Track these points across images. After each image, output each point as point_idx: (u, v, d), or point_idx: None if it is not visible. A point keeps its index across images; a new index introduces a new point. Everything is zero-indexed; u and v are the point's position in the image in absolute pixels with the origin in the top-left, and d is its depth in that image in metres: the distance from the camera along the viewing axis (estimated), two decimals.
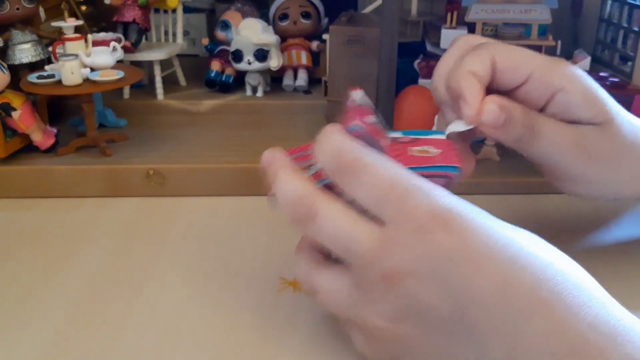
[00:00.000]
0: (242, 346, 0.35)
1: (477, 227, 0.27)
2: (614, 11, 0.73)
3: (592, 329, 0.24)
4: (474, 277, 0.26)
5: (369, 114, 0.31)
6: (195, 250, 0.45)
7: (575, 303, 0.25)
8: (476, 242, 0.26)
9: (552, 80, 0.35)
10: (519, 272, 0.26)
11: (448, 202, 0.27)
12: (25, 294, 0.40)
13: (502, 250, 0.26)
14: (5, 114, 0.54)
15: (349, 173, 0.28)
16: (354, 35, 0.60)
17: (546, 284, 0.25)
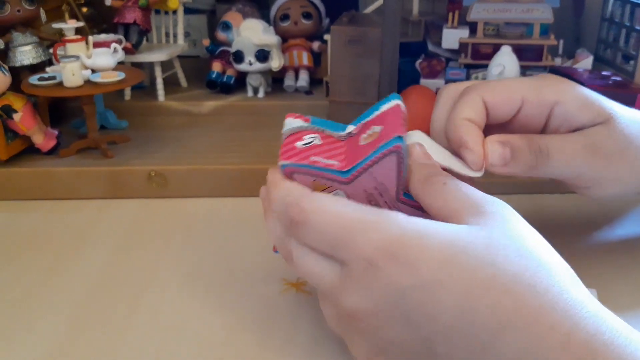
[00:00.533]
0: (244, 348, 0.34)
1: (428, 254, 0.26)
2: (616, 10, 0.73)
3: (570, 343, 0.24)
4: (432, 308, 0.25)
5: (302, 136, 0.32)
6: (197, 251, 0.45)
7: (544, 314, 0.24)
8: (426, 270, 0.25)
9: (544, 98, 0.36)
10: (477, 297, 0.25)
11: (395, 232, 0.26)
12: (28, 296, 0.40)
13: (458, 275, 0.25)
14: (6, 116, 0.54)
15: (298, 227, 0.29)
16: (356, 36, 0.60)
17: (509, 303, 0.24)
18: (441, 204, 0.29)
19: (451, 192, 0.29)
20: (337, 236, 0.28)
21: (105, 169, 0.54)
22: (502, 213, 0.28)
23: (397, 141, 0.29)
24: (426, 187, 0.30)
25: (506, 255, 0.26)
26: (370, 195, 0.31)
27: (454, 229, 0.27)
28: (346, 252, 0.27)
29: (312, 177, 0.31)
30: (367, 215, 0.28)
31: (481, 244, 0.26)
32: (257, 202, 0.34)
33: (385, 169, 0.30)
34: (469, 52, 0.63)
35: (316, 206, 0.29)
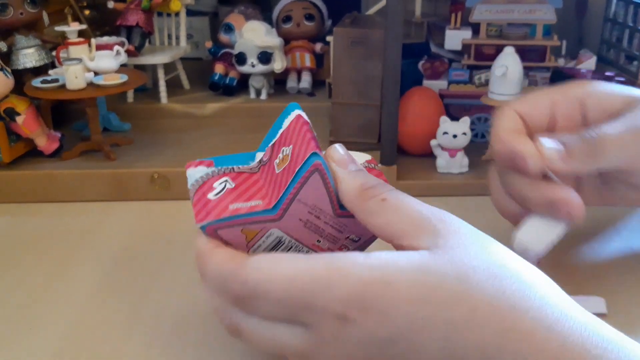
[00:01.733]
0: (248, 351, 0.34)
1: (397, 297, 0.24)
2: (619, 10, 0.73)
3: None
4: (417, 355, 0.24)
5: (212, 184, 0.30)
6: None
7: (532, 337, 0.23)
8: (402, 316, 0.24)
9: (571, 94, 0.37)
10: (460, 336, 0.23)
11: (354, 282, 0.24)
12: (31, 299, 0.40)
13: (436, 316, 0.24)
14: (9, 118, 0.54)
15: (246, 302, 0.27)
16: (358, 37, 0.59)
17: (494, 335, 0.23)
18: (383, 222, 0.27)
19: (393, 210, 0.27)
20: (296, 302, 0.25)
21: (108, 171, 0.54)
22: (456, 229, 0.26)
23: (313, 159, 0.27)
24: (361, 203, 0.28)
25: (479, 281, 0.24)
26: (307, 222, 0.29)
27: (417, 260, 0.25)
28: (311, 314, 0.25)
29: (240, 227, 0.28)
30: (319, 271, 0.25)
31: (451, 273, 0.24)
32: None
33: (312, 190, 0.28)
34: (471, 53, 0.63)
35: (260, 275, 0.26)
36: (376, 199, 0.27)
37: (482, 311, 0.23)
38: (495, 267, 0.25)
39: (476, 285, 0.24)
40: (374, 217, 0.27)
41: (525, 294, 0.24)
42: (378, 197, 0.27)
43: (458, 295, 0.24)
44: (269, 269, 0.26)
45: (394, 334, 0.24)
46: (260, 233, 0.29)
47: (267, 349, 0.28)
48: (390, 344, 0.24)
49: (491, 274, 0.24)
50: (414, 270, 0.24)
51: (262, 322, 0.27)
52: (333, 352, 0.25)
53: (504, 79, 0.56)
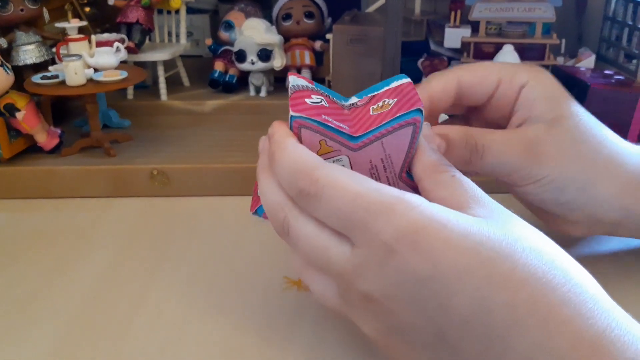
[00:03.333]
0: (247, 345, 0.34)
1: (447, 243, 0.25)
2: (619, 9, 0.73)
3: (579, 340, 0.24)
4: (447, 299, 0.25)
5: (310, 94, 0.30)
6: (199, 249, 0.45)
7: (557, 311, 0.24)
8: (446, 260, 0.25)
9: (518, 79, 0.36)
10: (494, 292, 0.25)
11: (414, 217, 0.25)
12: (31, 295, 0.40)
13: (476, 268, 0.25)
14: (9, 114, 0.54)
15: (308, 199, 0.27)
16: (358, 35, 0.60)
17: (524, 299, 0.24)
18: (447, 194, 0.28)
19: (459, 185, 0.28)
20: (355, 216, 0.26)
21: (107, 167, 0.54)
22: (508, 214, 0.28)
23: (416, 114, 0.28)
24: (433, 174, 0.29)
25: (523, 249, 0.25)
26: (373, 168, 0.30)
27: (472, 220, 0.26)
28: (363, 234, 0.26)
29: (321, 136, 0.29)
30: (388, 197, 0.26)
31: (499, 237, 0.25)
32: None
33: (398, 141, 0.29)
34: (471, 51, 0.63)
35: (333, 179, 0.27)
36: (447, 174, 0.29)
37: (519, 275, 0.25)
38: (538, 246, 0.26)
39: (520, 253, 0.25)
40: (441, 188, 0.29)
41: (558, 271, 0.25)
42: (449, 172, 0.29)
43: (501, 256, 0.25)
44: (344, 178, 0.27)
45: (433, 275, 0.25)
46: (333, 153, 0.29)
47: (309, 255, 0.29)
48: (426, 282, 0.25)
49: (533, 249, 0.26)
50: (468, 225, 0.26)
51: (316, 227, 0.28)
52: (372, 278, 0.26)
53: None
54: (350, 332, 0.35)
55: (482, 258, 0.25)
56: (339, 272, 0.28)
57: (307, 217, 0.28)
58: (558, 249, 0.27)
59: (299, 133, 0.29)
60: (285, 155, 0.28)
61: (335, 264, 0.28)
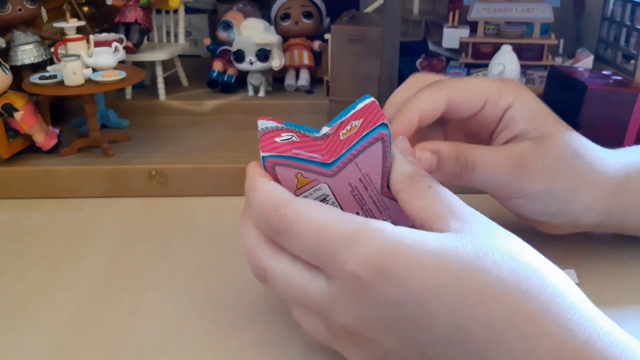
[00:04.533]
0: (245, 345, 0.34)
1: (417, 266, 0.25)
2: (617, 9, 0.73)
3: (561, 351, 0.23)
4: (425, 321, 0.25)
5: (279, 133, 0.31)
6: (197, 250, 0.45)
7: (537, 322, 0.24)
8: (417, 283, 0.25)
9: (503, 101, 0.38)
10: (470, 308, 0.24)
11: (381, 245, 0.25)
12: (29, 294, 0.40)
13: (449, 286, 0.25)
14: (7, 114, 0.54)
15: (279, 235, 0.28)
16: (356, 35, 0.60)
17: (502, 312, 0.24)
18: (423, 205, 0.28)
19: (435, 196, 0.29)
20: (322, 249, 0.27)
21: (106, 167, 0.54)
22: (483, 222, 0.28)
23: (382, 128, 0.29)
24: (409, 185, 0.30)
25: (495, 261, 0.25)
26: (354, 189, 0.31)
27: (440, 237, 0.26)
28: (333, 266, 0.27)
29: (296, 170, 0.30)
30: (350, 226, 0.26)
31: (470, 251, 0.25)
32: None
33: (370, 158, 0.29)
34: (469, 52, 0.63)
35: (299, 215, 0.27)
36: (423, 185, 0.29)
37: (494, 288, 0.24)
38: (513, 254, 0.26)
39: (492, 265, 0.25)
40: (417, 199, 0.29)
41: (536, 279, 0.25)
42: (425, 183, 0.29)
43: (473, 270, 0.25)
44: (308, 212, 0.27)
45: (407, 298, 0.25)
46: (311, 184, 0.30)
47: (289, 295, 0.29)
48: (401, 307, 0.25)
49: (508, 258, 0.25)
50: (436, 244, 0.26)
51: (289, 265, 0.29)
52: (348, 310, 0.27)
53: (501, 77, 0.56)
54: None
55: (453, 276, 0.25)
56: (318, 307, 0.28)
57: (280, 258, 0.29)
58: (534, 256, 0.27)
59: (273, 172, 0.30)
60: (257, 194, 0.29)
61: (314, 300, 0.28)
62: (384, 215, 0.32)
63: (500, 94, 0.38)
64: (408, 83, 0.40)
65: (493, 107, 0.38)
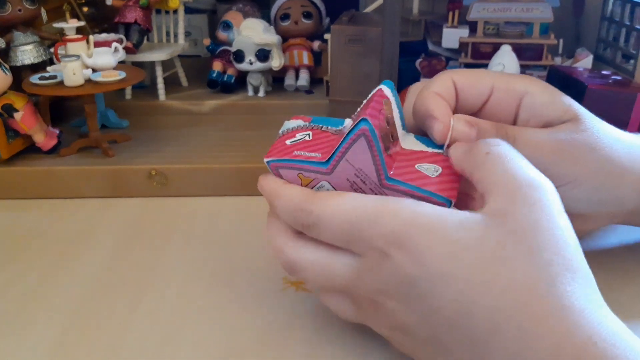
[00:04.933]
0: (245, 346, 0.35)
1: (434, 247, 0.26)
2: (616, 9, 0.73)
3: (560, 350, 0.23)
4: (435, 301, 0.26)
5: (295, 134, 0.33)
6: (197, 250, 0.45)
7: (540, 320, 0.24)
8: (432, 264, 0.26)
9: (514, 87, 0.35)
10: (477, 296, 0.25)
11: (403, 222, 0.27)
12: (28, 295, 0.40)
13: (461, 272, 0.25)
14: (7, 115, 0.54)
15: (311, 228, 0.30)
16: (356, 35, 0.60)
17: (507, 306, 0.24)
18: (480, 176, 0.28)
19: (492, 165, 0.28)
20: (349, 231, 0.28)
21: (106, 167, 0.54)
22: (534, 198, 0.26)
23: (362, 124, 0.29)
24: (468, 156, 0.29)
25: (516, 254, 0.25)
26: (353, 184, 0.31)
27: (467, 220, 0.26)
28: (360, 244, 0.28)
29: (297, 171, 0.31)
30: (374, 207, 0.28)
31: (492, 239, 0.26)
32: (258, 201, 0.34)
33: (357, 154, 0.30)
34: (469, 52, 0.63)
35: (323, 206, 0.29)
36: (480, 154, 0.29)
37: (502, 281, 0.25)
38: (540, 244, 0.25)
39: (511, 257, 0.25)
40: (476, 170, 0.29)
41: (549, 276, 0.25)
42: (482, 151, 0.29)
43: (489, 260, 0.25)
44: (331, 203, 0.29)
45: (421, 275, 0.26)
46: (313, 182, 0.32)
47: (318, 279, 0.31)
48: (415, 283, 0.26)
49: (530, 250, 0.25)
50: (456, 227, 0.26)
51: (315, 253, 0.30)
52: (370, 282, 0.28)
53: None
54: (349, 332, 0.35)
55: (467, 262, 0.25)
56: (345, 283, 0.30)
57: (306, 248, 0.31)
58: (553, 254, 0.26)
59: (278, 174, 0.32)
60: (281, 200, 0.31)
61: (341, 277, 0.30)
62: None
63: (508, 81, 0.36)
64: (411, 93, 0.38)
65: (503, 94, 0.35)
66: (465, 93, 0.35)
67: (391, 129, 0.31)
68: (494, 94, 0.36)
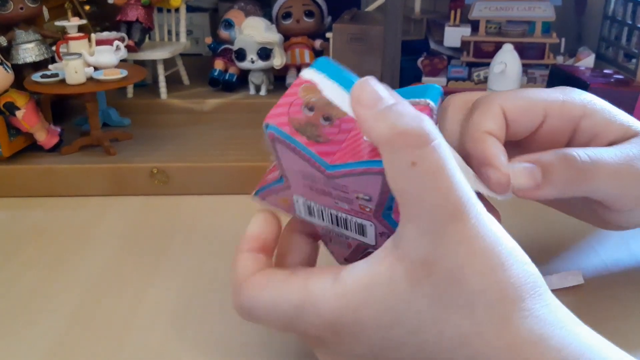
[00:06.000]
0: (247, 343, 0.35)
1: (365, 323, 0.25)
2: (618, 8, 0.73)
3: None
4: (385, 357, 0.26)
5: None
6: (199, 248, 0.45)
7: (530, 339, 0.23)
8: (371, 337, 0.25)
9: (570, 113, 0.32)
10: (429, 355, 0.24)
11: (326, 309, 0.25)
12: (30, 293, 0.40)
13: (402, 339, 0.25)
14: (9, 113, 0.54)
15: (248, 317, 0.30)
16: (357, 34, 0.60)
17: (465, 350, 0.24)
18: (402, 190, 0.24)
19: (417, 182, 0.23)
20: (281, 323, 0.28)
21: (107, 166, 0.54)
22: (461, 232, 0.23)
23: (266, 131, 0.27)
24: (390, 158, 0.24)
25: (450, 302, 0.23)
26: (312, 187, 0.28)
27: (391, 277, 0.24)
28: (296, 332, 0.28)
29: (274, 195, 0.29)
30: (298, 300, 0.26)
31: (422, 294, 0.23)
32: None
33: (288, 159, 0.27)
34: (470, 50, 0.63)
35: (251, 302, 0.28)
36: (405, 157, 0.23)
37: (450, 338, 0.23)
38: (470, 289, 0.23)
39: (446, 307, 0.23)
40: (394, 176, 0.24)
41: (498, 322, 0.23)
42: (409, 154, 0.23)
43: (426, 321, 0.24)
44: (256, 297, 0.28)
45: (370, 350, 0.26)
46: (290, 200, 0.30)
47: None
48: (365, 357, 0.26)
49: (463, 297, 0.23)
50: (385, 294, 0.24)
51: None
52: (323, 354, 0.28)
53: (503, 76, 0.56)
54: None
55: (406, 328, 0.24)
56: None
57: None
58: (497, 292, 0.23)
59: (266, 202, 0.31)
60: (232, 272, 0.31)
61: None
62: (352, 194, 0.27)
63: (562, 105, 0.32)
64: (452, 110, 0.34)
65: (556, 120, 0.32)
66: (516, 124, 0.32)
67: (321, 112, 0.27)
68: (547, 121, 0.32)
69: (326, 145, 0.26)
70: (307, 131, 0.26)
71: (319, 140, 0.26)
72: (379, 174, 0.24)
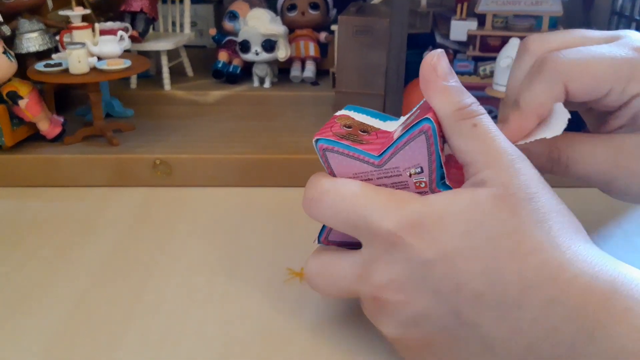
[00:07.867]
0: (248, 336, 0.34)
1: (449, 226, 0.26)
2: (626, 4, 0.72)
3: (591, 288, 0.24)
4: (456, 279, 0.26)
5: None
6: (201, 240, 0.45)
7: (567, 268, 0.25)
8: (449, 243, 0.26)
9: (631, 90, 0.34)
10: (503, 263, 0.26)
11: (415, 207, 0.27)
12: (32, 283, 0.40)
13: (481, 245, 0.26)
14: (12, 102, 0.54)
15: (317, 204, 0.30)
16: (363, 26, 0.59)
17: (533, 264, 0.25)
18: (463, 147, 0.28)
19: (477, 138, 0.28)
20: (356, 214, 0.28)
21: (110, 156, 0.54)
22: (525, 169, 0.27)
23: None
24: (454, 121, 0.29)
25: (522, 222, 0.26)
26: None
27: (475, 197, 0.27)
28: (367, 228, 0.28)
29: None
30: (385, 195, 0.28)
31: (503, 211, 0.26)
32: (262, 191, 0.34)
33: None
34: (477, 44, 0.63)
35: (334, 184, 0.29)
36: (468, 122, 0.28)
37: (526, 246, 0.25)
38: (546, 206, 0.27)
39: (526, 221, 0.26)
40: (459, 139, 0.28)
41: (566, 232, 0.26)
42: (470, 120, 0.28)
43: (506, 229, 0.26)
44: (342, 182, 0.30)
45: (439, 257, 0.26)
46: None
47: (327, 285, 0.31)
48: (434, 265, 0.26)
49: (538, 209, 0.26)
50: (466, 206, 0.26)
51: (323, 256, 0.31)
52: (383, 271, 0.28)
53: (509, 71, 0.56)
54: (352, 324, 0.35)
55: (485, 235, 0.26)
56: (352, 282, 0.30)
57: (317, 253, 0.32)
58: (560, 207, 0.27)
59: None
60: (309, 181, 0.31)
61: (348, 276, 0.30)
62: None
63: (627, 82, 0.33)
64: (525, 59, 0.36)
65: (617, 95, 0.34)
66: (577, 96, 0.33)
67: (358, 127, 0.32)
68: (609, 95, 0.34)
69: (368, 145, 0.30)
70: (350, 137, 0.30)
71: (362, 142, 0.30)
72: (420, 134, 0.28)
